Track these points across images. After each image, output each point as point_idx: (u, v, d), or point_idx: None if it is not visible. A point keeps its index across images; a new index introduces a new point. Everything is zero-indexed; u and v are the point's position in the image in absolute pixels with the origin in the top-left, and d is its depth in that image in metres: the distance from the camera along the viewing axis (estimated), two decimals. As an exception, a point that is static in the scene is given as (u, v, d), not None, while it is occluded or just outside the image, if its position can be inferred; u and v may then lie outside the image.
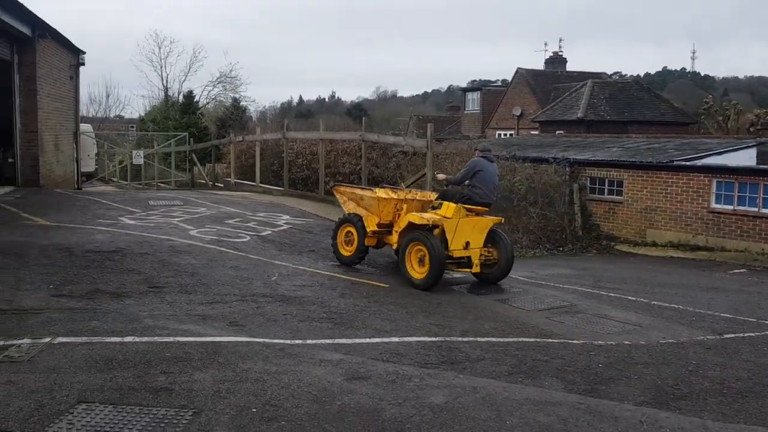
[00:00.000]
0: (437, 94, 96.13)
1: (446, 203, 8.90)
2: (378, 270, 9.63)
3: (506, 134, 34.20)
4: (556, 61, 39.41)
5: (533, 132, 31.44)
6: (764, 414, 4.71)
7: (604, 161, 16.47)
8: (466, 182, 9.09)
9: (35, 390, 4.06)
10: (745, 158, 15.82)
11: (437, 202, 9.21)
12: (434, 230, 8.67)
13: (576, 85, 31.59)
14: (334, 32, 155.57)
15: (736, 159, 15.42)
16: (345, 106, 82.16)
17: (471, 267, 8.93)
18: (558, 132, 27.90)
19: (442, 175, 9.77)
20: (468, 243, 8.80)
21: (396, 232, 9.25)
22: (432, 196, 9.77)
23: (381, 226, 9.50)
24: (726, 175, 14.40)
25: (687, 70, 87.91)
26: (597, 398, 4.80)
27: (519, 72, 36.38)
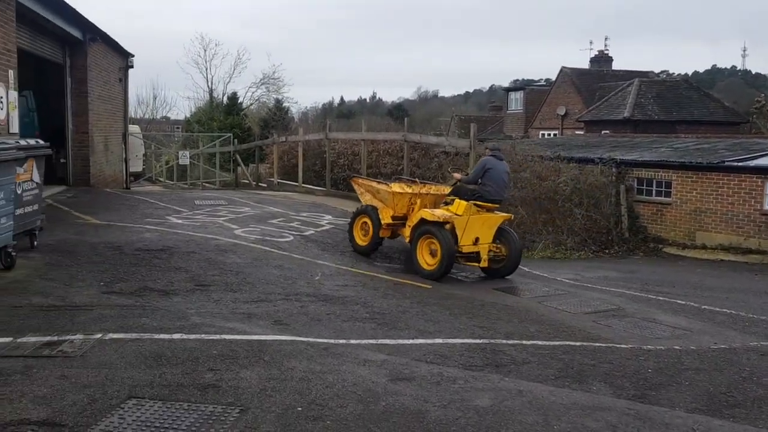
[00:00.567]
0: (479, 94, 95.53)
1: (458, 201, 9.23)
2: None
3: (550, 134, 33.78)
4: (602, 60, 38.74)
5: (578, 132, 30.96)
6: (824, 424, 4.53)
7: (652, 162, 16.10)
8: (478, 181, 9.35)
9: (88, 385, 4.16)
10: (801, 159, 15.27)
11: (449, 198, 9.57)
12: (446, 226, 9.01)
13: (622, 84, 31.01)
14: (376, 32, 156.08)
15: (791, 159, 14.90)
16: (386, 107, 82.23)
17: (479, 262, 9.29)
18: (604, 132, 27.41)
19: (458, 174, 9.98)
20: (477, 239, 9.16)
21: (409, 227, 9.63)
22: (446, 190, 10.06)
23: (395, 219, 9.94)
24: (780, 176, 13.91)
25: (738, 68, 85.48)
26: (647, 404, 4.69)
27: (563, 71, 35.90)
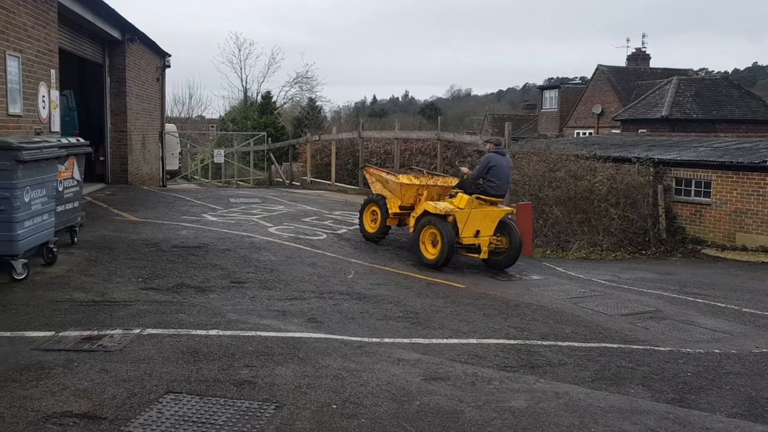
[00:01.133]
0: (512, 93, 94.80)
1: (460, 195, 9.62)
2: (454, 270, 9.56)
3: (585, 133, 33.34)
4: (639, 58, 38.08)
5: (614, 131, 30.51)
6: None
7: (691, 161, 15.75)
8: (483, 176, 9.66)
9: (127, 379, 4.23)
10: None
11: (454, 191, 9.96)
12: (448, 218, 9.40)
13: (660, 83, 30.46)
14: (408, 31, 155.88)
15: (837, 159, 14.45)
16: (418, 105, 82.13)
17: (479, 253, 9.62)
18: (641, 131, 26.96)
19: (465, 169, 10.26)
20: (478, 231, 9.49)
21: (413, 218, 10.05)
22: (453, 182, 10.42)
23: (403, 209, 10.40)
24: (826, 177, 13.51)
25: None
26: (686, 408, 4.59)
27: (599, 69, 35.40)
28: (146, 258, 8.07)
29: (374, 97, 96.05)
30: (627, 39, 64.54)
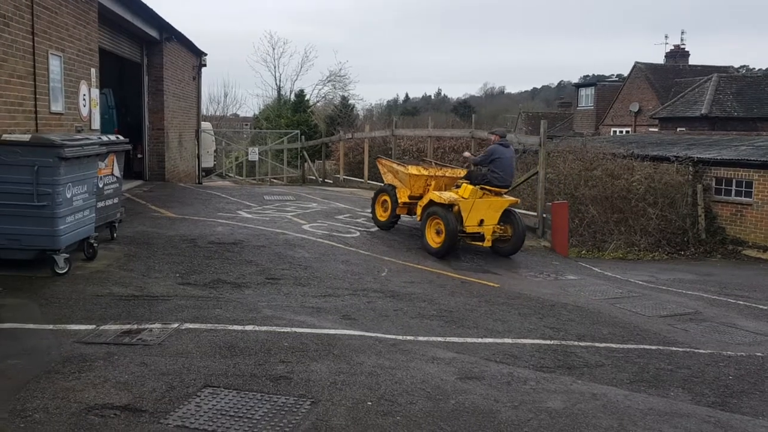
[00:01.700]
0: (547, 90, 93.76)
1: (465, 185, 9.96)
2: (487, 269, 9.50)
3: (622, 131, 32.84)
4: (678, 55, 37.31)
5: (652, 129, 29.98)
6: None
7: (732, 160, 15.40)
8: (486, 167, 10.02)
9: (166, 372, 4.29)
10: None
11: (461, 181, 10.27)
12: (453, 208, 9.78)
13: (700, 80, 29.79)
14: (441, 29, 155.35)
15: None
16: (451, 103, 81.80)
17: (483, 241, 10.02)
18: (679, 129, 26.44)
19: (468, 154, 10.93)
20: (482, 220, 9.88)
21: (420, 207, 10.41)
22: (461, 174, 10.79)
23: (412, 198, 10.83)
24: None
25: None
26: (728, 412, 4.49)
27: (637, 66, 34.78)
28: (183, 254, 8.19)
29: (407, 95, 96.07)
30: (665, 36, 63.51)
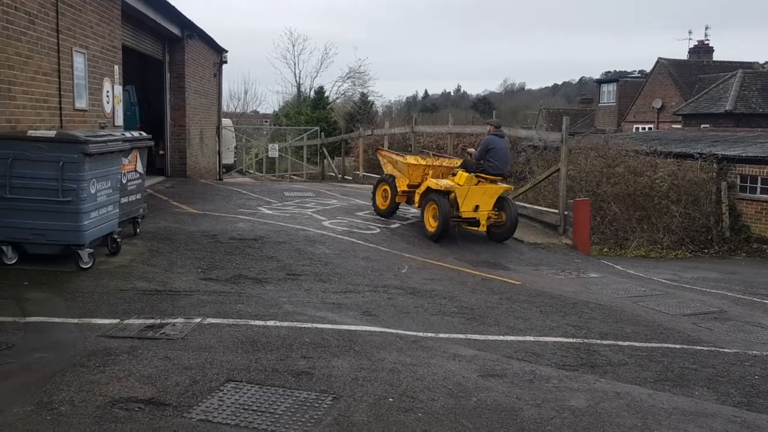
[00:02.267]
0: (568, 86, 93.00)
1: (460, 173, 10.59)
2: (508, 266, 9.45)
3: (644, 128, 32.48)
4: (702, 51, 36.80)
5: (675, 126, 29.60)
6: None
7: (757, 157, 15.14)
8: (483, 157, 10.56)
9: (189, 367, 4.32)
10: None
11: (457, 170, 10.90)
12: (449, 195, 10.40)
13: (724, 76, 29.37)
14: (461, 25, 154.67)
15: None
16: (470, 100, 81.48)
17: (478, 226, 10.60)
18: (703, 126, 26.07)
19: (471, 150, 11.46)
20: (477, 206, 10.45)
21: (418, 194, 11.04)
22: (456, 163, 11.41)
23: (410, 187, 11.42)
24: None
25: None
26: (754, 412, 4.42)
27: (660, 62, 34.36)
28: (205, 249, 8.24)
29: (426, 92, 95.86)
30: (689, 31, 62.39)
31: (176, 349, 4.63)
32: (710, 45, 37.31)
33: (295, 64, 55.51)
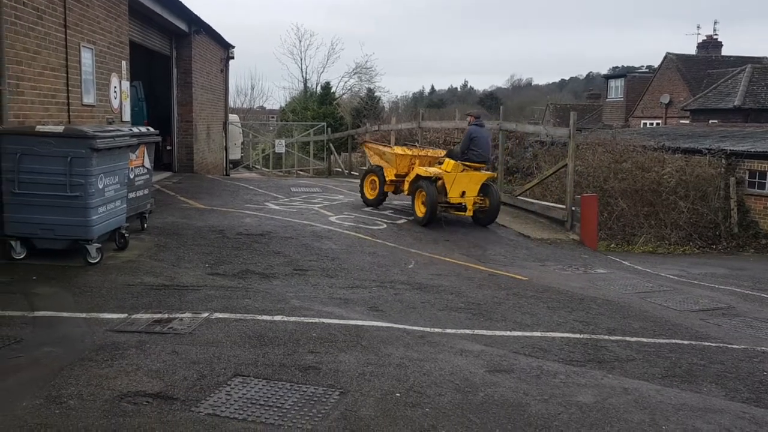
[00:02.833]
0: (575, 82, 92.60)
1: (447, 160, 11.19)
2: (515, 262, 9.43)
3: (652, 124, 32.33)
4: (710, 46, 36.56)
5: (683, 121, 29.46)
6: None
7: (766, 153, 15.07)
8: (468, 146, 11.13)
9: (196, 361, 4.34)
10: None
11: (442, 159, 11.53)
12: (437, 182, 10.94)
13: (733, 71, 29.19)
14: (467, 20, 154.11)
15: None
16: (477, 95, 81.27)
17: (465, 211, 11.24)
18: (711, 121, 25.94)
19: (456, 147, 11.94)
20: (464, 192, 11.06)
21: (407, 182, 11.66)
22: (441, 153, 12.11)
23: (398, 177, 12.01)
24: None
25: None
26: (763, 408, 4.39)
27: (668, 57, 34.17)
28: (212, 244, 8.26)
29: (432, 88, 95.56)
30: (698, 26, 62.19)
31: (184, 344, 4.65)
32: (719, 40, 37.05)
33: (302, 60, 55.67)
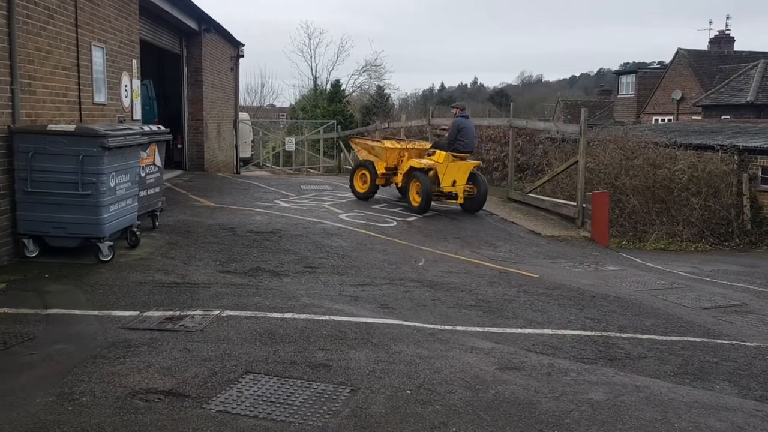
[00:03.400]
0: (586, 78, 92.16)
1: (438, 151, 11.84)
2: (526, 259, 9.41)
3: (664, 120, 32.12)
4: (722, 41, 36.31)
5: (695, 117, 29.25)
6: None
7: (779, 149, 14.94)
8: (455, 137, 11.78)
9: (208, 358, 4.36)
10: None
11: (431, 150, 12.19)
12: (430, 172, 11.57)
13: (745, 66, 28.96)
14: (477, 16, 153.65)
15: None
16: (487, 92, 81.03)
17: (457, 199, 12.02)
18: (724, 117, 25.74)
19: (443, 139, 12.64)
20: (455, 181, 11.77)
21: (401, 174, 12.35)
22: (427, 146, 12.81)
23: (388, 170, 12.61)
24: None
25: None
26: (777, 407, 4.36)
27: (680, 53, 33.94)
28: (223, 242, 8.29)
29: (442, 85, 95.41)
30: (710, 21, 61.67)
31: (195, 341, 4.67)
32: (731, 35, 36.81)
33: (312, 58, 55.73)
